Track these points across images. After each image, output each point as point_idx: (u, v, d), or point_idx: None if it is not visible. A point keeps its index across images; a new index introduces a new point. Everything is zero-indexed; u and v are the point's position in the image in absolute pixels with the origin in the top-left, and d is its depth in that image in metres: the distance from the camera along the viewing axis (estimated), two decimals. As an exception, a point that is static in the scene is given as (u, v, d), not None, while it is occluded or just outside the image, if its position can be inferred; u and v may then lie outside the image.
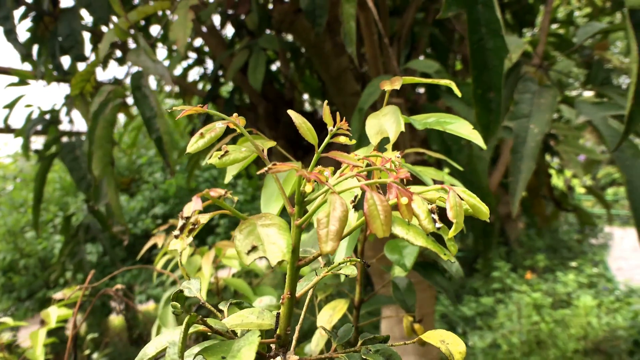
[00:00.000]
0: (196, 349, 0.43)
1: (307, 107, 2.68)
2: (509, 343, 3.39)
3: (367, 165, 0.40)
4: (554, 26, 2.46)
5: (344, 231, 0.30)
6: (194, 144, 0.39)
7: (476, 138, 0.47)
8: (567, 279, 4.13)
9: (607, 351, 3.11)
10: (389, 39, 1.80)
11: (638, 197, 1.12)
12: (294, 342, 0.45)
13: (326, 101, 0.42)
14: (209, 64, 2.49)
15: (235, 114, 0.42)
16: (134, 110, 2.35)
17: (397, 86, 0.44)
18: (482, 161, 1.27)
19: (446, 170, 1.75)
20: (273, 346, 0.44)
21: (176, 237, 0.35)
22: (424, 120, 0.48)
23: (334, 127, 0.43)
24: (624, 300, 3.65)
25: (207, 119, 2.23)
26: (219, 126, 0.40)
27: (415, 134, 1.79)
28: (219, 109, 2.33)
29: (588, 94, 2.29)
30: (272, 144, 0.45)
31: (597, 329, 3.22)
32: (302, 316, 0.43)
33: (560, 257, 5.39)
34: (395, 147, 0.49)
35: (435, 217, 0.36)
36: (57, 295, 1.08)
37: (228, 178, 0.58)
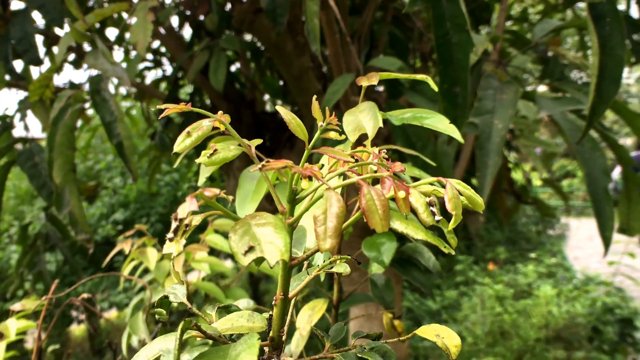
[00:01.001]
0: (190, 355, 0.42)
1: (269, 107, 2.67)
2: (474, 335, 3.45)
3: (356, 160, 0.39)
4: (509, 23, 2.52)
5: (342, 227, 0.30)
6: (181, 143, 0.38)
7: (453, 132, 0.48)
8: (527, 269, 4.24)
9: (568, 338, 3.20)
10: (350, 37, 1.81)
11: (597, 188, 1.16)
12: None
13: (315, 96, 0.42)
14: (167, 66, 2.45)
15: (220, 112, 0.42)
16: (91, 113, 2.29)
17: (375, 81, 0.44)
18: (447, 157, 1.29)
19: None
20: (266, 349, 0.43)
21: (170, 240, 0.34)
22: (401, 116, 0.49)
23: (323, 122, 0.42)
24: (581, 288, 3.77)
25: (168, 122, 2.20)
26: (205, 124, 0.39)
27: (377, 132, 1.80)
28: (178, 115, 2.30)
29: (542, 88, 2.35)
30: (258, 141, 0.44)
31: (558, 317, 3.31)
32: (288, 317, 0.43)
33: (519, 248, 5.53)
34: (359, 144, 0.49)
35: (435, 209, 0.36)
36: (16, 306, 1.05)
37: (202, 180, 0.57)
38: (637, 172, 1.51)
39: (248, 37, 2.32)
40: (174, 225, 0.34)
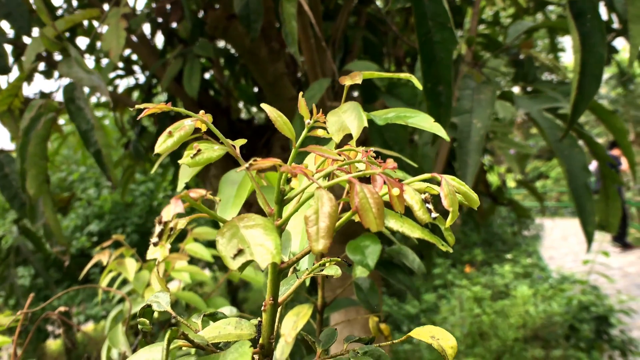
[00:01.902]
0: None
1: (244, 115, 2.66)
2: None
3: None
4: (481, 27, 2.55)
5: (334, 227, 0.29)
6: (163, 144, 0.37)
7: (438, 130, 0.47)
8: (504, 270, 4.29)
9: (545, 337, 3.24)
10: (324, 42, 1.81)
11: (577, 184, 1.17)
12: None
13: (301, 93, 0.41)
14: (140, 74, 2.42)
15: (202, 111, 0.41)
16: (62, 123, 2.25)
17: (358, 80, 0.44)
18: (427, 159, 1.29)
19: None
20: (256, 357, 0.42)
21: (155, 244, 0.32)
22: (384, 116, 0.48)
23: (310, 119, 0.41)
24: (557, 287, 3.82)
25: (142, 131, 2.17)
26: (187, 124, 0.38)
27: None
28: (153, 120, 2.27)
29: (515, 90, 2.39)
30: (242, 141, 0.43)
31: (535, 317, 3.35)
32: (275, 323, 0.42)
33: (495, 250, 5.59)
34: (340, 146, 0.49)
35: (430, 206, 0.35)
36: (-11, 323, 1.02)
37: (180, 185, 0.55)
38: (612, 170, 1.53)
39: (221, 43, 2.30)
40: (158, 229, 0.32)
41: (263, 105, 0.41)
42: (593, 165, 6.94)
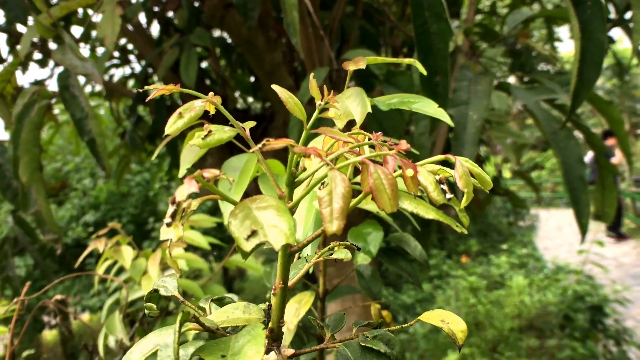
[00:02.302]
0: (190, 349, 0.40)
1: (240, 105, 2.65)
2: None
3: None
4: (478, 17, 2.54)
5: (348, 208, 0.29)
6: (173, 125, 0.37)
7: (442, 116, 0.47)
8: (500, 261, 4.30)
9: (540, 327, 3.26)
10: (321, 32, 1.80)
11: (573, 176, 1.17)
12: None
13: (312, 74, 0.40)
14: (135, 64, 2.40)
15: (211, 93, 0.40)
16: (57, 112, 2.24)
17: (362, 65, 0.43)
18: (423, 150, 1.29)
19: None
20: (265, 340, 0.42)
21: (168, 225, 0.32)
22: (388, 102, 0.48)
23: (321, 100, 0.41)
24: (552, 277, 3.84)
25: (139, 120, 2.16)
26: (198, 105, 0.38)
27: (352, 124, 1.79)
28: (150, 110, 2.25)
29: (511, 80, 2.38)
30: (252, 124, 0.43)
31: (530, 307, 3.36)
32: (285, 307, 0.42)
33: (491, 240, 5.60)
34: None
35: (445, 187, 0.34)
36: (-14, 312, 1.01)
37: (182, 171, 0.55)
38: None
39: (218, 33, 2.29)
40: (171, 209, 0.32)
41: (274, 87, 0.41)
42: (588, 157, 6.96)
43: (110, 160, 2.58)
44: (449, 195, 0.34)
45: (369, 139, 0.38)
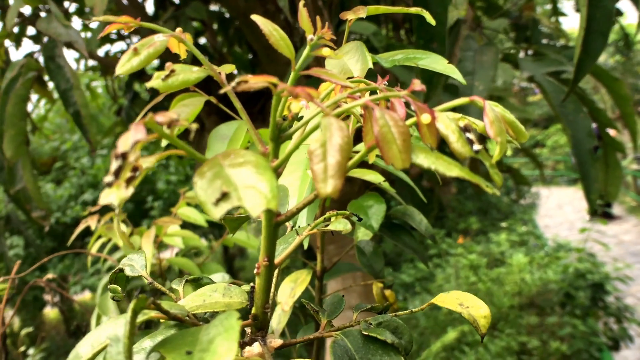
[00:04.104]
0: (147, 342, 0.34)
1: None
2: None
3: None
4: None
5: (346, 164, 0.23)
6: (127, 63, 0.31)
7: (452, 72, 0.42)
8: (500, 238, 4.28)
9: (541, 305, 3.24)
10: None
11: (582, 150, 1.13)
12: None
13: (302, 1, 0.35)
14: (132, 39, 2.35)
15: (179, 28, 0.35)
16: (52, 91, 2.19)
17: (363, 14, 0.39)
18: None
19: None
20: (248, 329, 0.36)
21: (109, 185, 0.25)
22: (391, 58, 0.43)
23: (314, 35, 0.34)
24: (552, 255, 3.81)
25: (135, 97, 2.12)
26: (158, 39, 0.32)
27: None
28: (145, 88, 2.21)
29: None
30: (230, 67, 0.38)
31: (531, 285, 3.35)
32: (271, 289, 0.36)
33: (490, 218, 5.58)
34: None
35: (472, 136, 0.28)
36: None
37: (164, 142, 0.50)
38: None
39: (215, 8, 2.24)
40: (114, 164, 0.25)
41: (254, 17, 0.35)
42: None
43: (107, 138, 2.55)
44: (476, 147, 0.28)
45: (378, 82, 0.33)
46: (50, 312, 4.46)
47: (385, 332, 0.36)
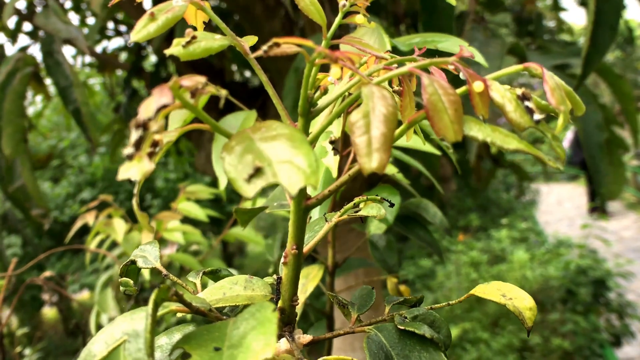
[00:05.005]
0: (163, 339, 0.31)
1: (238, 77, 2.58)
2: (450, 301, 3.45)
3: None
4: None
5: (393, 137, 0.21)
6: (143, 29, 0.28)
7: (475, 54, 0.40)
8: (501, 235, 4.26)
9: (542, 301, 3.23)
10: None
11: (592, 143, 1.12)
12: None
13: None
14: (128, 35, 2.33)
15: None
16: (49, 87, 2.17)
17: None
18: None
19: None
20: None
21: (130, 157, 0.22)
22: (409, 42, 0.42)
23: (346, 1, 0.32)
24: (553, 251, 3.80)
25: (133, 94, 2.10)
26: (177, 4, 0.29)
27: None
28: (145, 84, 2.19)
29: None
30: (254, 39, 0.35)
31: (532, 281, 3.33)
32: (299, 280, 0.33)
33: (491, 215, 5.56)
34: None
35: (531, 105, 0.25)
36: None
37: (172, 126, 0.48)
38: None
39: (214, 2, 2.22)
40: (134, 135, 0.22)
41: None
42: (569, 137, 6.86)
43: (104, 135, 2.52)
44: (537, 116, 0.26)
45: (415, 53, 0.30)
46: (49, 312, 4.43)
47: (423, 326, 0.34)
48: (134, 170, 0.22)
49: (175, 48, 0.29)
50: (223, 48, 0.30)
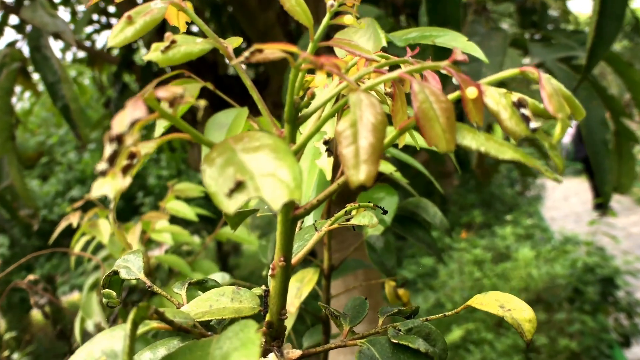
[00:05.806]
0: (147, 354, 0.31)
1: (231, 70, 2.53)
2: (453, 301, 3.40)
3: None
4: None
5: (382, 147, 0.20)
6: (119, 34, 0.27)
7: (473, 50, 0.40)
8: (505, 232, 4.20)
9: (548, 300, 3.17)
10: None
11: (595, 140, 1.09)
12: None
13: None
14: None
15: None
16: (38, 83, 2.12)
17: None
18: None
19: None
20: (262, 338, 0.32)
21: (103, 174, 0.21)
22: (405, 36, 0.40)
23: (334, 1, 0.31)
24: (560, 248, 3.74)
25: (124, 88, 2.04)
26: (156, 6, 0.28)
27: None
28: (135, 77, 2.14)
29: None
30: (238, 40, 0.34)
31: (537, 280, 3.27)
32: (288, 292, 0.31)
33: (494, 211, 5.50)
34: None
35: (527, 112, 0.24)
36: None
37: (159, 131, 0.44)
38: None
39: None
40: (108, 149, 0.21)
41: None
42: (570, 132, 6.79)
43: (95, 132, 2.46)
44: (534, 124, 0.25)
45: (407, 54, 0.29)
46: (38, 314, 4.37)
47: (417, 340, 0.33)
48: (108, 186, 0.22)
49: (154, 53, 0.29)
50: (204, 52, 0.30)
